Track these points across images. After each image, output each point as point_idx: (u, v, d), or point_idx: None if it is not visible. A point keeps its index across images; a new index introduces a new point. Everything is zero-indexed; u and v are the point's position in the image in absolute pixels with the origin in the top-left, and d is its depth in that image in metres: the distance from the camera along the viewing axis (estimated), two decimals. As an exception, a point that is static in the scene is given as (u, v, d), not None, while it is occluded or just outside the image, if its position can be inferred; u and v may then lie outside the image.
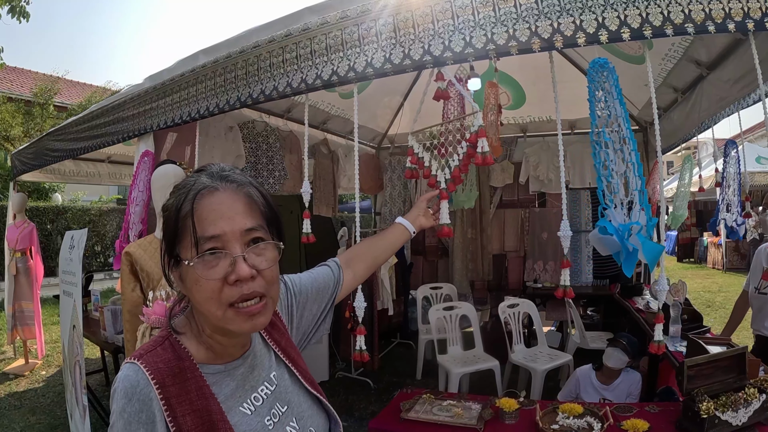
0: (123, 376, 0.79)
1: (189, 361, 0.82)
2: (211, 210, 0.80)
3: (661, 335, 1.78)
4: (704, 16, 1.68)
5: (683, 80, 3.44)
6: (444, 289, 5.56)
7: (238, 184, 0.84)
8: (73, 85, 17.27)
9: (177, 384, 0.79)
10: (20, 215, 5.44)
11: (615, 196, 1.85)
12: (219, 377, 0.85)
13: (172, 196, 0.84)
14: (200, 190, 0.81)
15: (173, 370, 0.80)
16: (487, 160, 1.96)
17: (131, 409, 0.76)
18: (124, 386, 0.77)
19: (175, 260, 0.83)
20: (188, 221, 0.79)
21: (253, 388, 0.89)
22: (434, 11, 1.95)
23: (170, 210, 0.83)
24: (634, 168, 1.80)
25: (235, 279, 0.78)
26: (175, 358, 0.81)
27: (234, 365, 0.88)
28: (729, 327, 3.30)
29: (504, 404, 2.17)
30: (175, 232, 0.81)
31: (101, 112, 3.77)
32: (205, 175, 0.84)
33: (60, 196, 12.93)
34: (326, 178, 5.58)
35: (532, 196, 6.07)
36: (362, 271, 1.32)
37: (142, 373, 0.78)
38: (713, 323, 6.16)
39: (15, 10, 5.85)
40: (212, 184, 0.82)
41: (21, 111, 12.27)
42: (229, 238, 0.79)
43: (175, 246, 0.82)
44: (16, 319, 5.34)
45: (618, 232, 1.79)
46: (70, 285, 3.60)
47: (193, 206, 0.80)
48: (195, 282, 0.80)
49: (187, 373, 0.81)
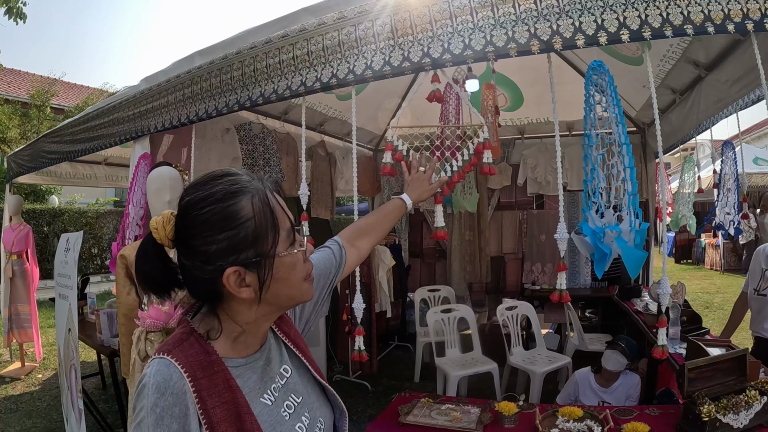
0: (154, 371, 0.79)
1: (215, 355, 0.84)
2: (281, 202, 0.89)
3: (664, 339, 1.77)
4: (703, 17, 1.67)
5: (681, 81, 3.44)
6: (442, 292, 5.54)
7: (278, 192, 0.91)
8: (70, 87, 17.20)
9: (207, 377, 0.81)
10: (16, 218, 5.41)
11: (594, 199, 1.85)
12: (242, 370, 0.87)
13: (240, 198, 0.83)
14: (267, 187, 0.87)
15: (202, 363, 0.82)
16: (491, 170, 1.96)
17: (164, 403, 0.76)
18: (156, 381, 0.77)
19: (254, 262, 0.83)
20: (280, 211, 0.86)
21: (271, 379, 0.92)
22: (432, 12, 1.94)
23: (259, 209, 0.84)
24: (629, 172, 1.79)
25: (310, 253, 0.94)
26: (202, 352, 0.83)
27: (254, 358, 0.91)
28: (728, 328, 3.29)
29: (503, 408, 2.16)
30: (275, 227, 0.85)
31: (97, 114, 3.74)
32: (251, 177, 0.88)
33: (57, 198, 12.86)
34: (323, 181, 5.56)
35: (529, 198, 6.05)
36: (366, 247, 1.35)
37: (174, 366, 0.79)
38: (712, 324, 6.15)
39: (12, 12, 5.82)
40: (264, 182, 0.88)
41: (18, 113, 12.21)
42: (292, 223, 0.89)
43: (265, 244, 0.84)
44: (12, 323, 5.31)
45: (593, 234, 1.81)
46: (66, 288, 3.57)
47: (276, 199, 0.87)
48: (293, 266, 0.88)
49: (215, 366, 0.83)
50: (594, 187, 1.85)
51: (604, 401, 2.86)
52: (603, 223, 1.79)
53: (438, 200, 2.03)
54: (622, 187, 1.77)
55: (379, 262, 5.15)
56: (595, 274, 5.38)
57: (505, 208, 6.20)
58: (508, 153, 6.07)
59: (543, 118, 5.58)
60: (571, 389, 3.10)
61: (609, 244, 1.74)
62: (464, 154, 1.91)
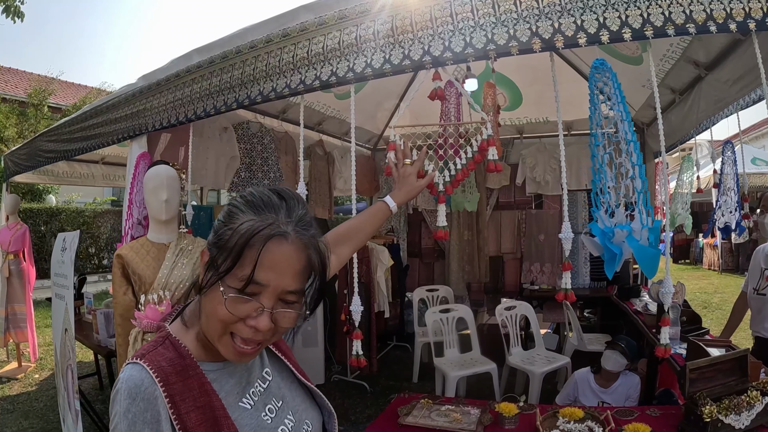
0: (126, 376, 0.78)
1: (190, 359, 0.83)
2: (272, 259, 0.80)
3: (667, 338, 1.76)
4: (705, 16, 1.66)
5: (681, 81, 3.43)
6: (440, 292, 5.54)
7: (307, 243, 0.84)
8: (68, 86, 17.15)
9: (180, 381, 0.80)
10: (13, 217, 5.38)
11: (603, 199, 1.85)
12: (218, 374, 0.87)
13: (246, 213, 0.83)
14: (276, 233, 0.81)
15: (176, 367, 0.81)
16: (498, 167, 1.94)
17: (136, 408, 0.76)
18: (128, 386, 0.77)
19: (213, 264, 0.83)
20: (251, 257, 0.79)
21: (250, 383, 0.91)
22: (433, 10, 1.92)
23: (239, 232, 0.81)
24: (637, 170, 1.78)
25: (253, 327, 0.81)
26: (177, 356, 0.82)
27: (232, 362, 0.88)
28: (728, 328, 3.29)
29: (503, 409, 2.14)
30: (235, 259, 0.80)
31: (95, 112, 3.71)
32: (284, 213, 0.84)
33: (54, 197, 12.83)
34: (322, 180, 5.55)
35: (528, 197, 6.05)
36: (346, 253, 1.32)
37: (145, 371, 0.78)
38: (710, 324, 6.14)
39: (9, 10, 5.78)
40: (286, 231, 0.82)
41: (15, 112, 12.17)
42: (271, 291, 0.81)
43: (221, 260, 0.82)
44: (8, 322, 5.27)
45: (602, 234, 1.80)
46: (62, 288, 3.55)
47: (263, 247, 0.79)
48: (219, 303, 0.80)
49: (189, 370, 0.82)
50: (602, 186, 1.84)
51: (604, 402, 2.86)
52: (613, 222, 1.78)
53: (441, 200, 2.02)
54: (632, 185, 1.76)
55: (377, 261, 5.13)
56: (594, 273, 5.39)
57: (504, 207, 6.19)
58: (506, 153, 6.06)
59: (542, 118, 5.57)
60: (571, 389, 3.10)
61: (619, 244, 1.73)
62: (467, 152, 1.89)
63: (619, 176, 1.83)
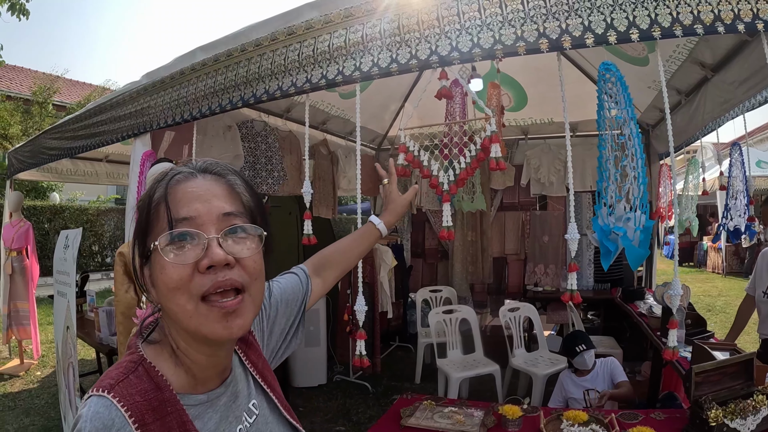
0: (91, 414, 0.64)
1: (169, 392, 0.70)
2: (186, 192, 0.71)
3: (675, 341, 1.75)
4: (713, 17, 1.64)
5: (687, 82, 3.41)
6: (443, 292, 5.52)
7: (219, 174, 0.75)
8: (72, 84, 17.21)
9: (158, 420, 0.67)
10: (16, 214, 5.39)
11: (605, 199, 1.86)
12: (201, 409, 0.74)
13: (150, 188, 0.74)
14: (175, 176, 0.73)
15: (152, 403, 0.67)
16: (500, 165, 1.93)
17: None
18: (95, 427, 0.63)
19: (146, 256, 0.72)
20: (161, 206, 0.70)
21: (237, 419, 0.79)
22: (440, 9, 1.91)
23: (143, 200, 0.73)
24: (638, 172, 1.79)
25: (208, 264, 0.68)
26: (152, 388, 0.69)
27: (216, 394, 0.77)
28: (733, 331, 3.26)
29: (507, 411, 2.13)
30: (147, 221, 0.71)
31: (98, 110, 3.71)
32: (186, 166, 0.76)
33: (57, 195, 12.86)
34: (326, 180, 5.53)
35: (532, 199, 6.02)
36: (331, 278, 1.21)
37: (115, 409, 0.64)
38: (714, 328, 6.11)
39: (15, 8, 5.80)
40: (190, 171, 0.74)
41: (20, 110, 12.19)
42: (204, 220, 0.70)
43: (146, 239, 0.71)
44: (11, 319, 5.29)
45: (601, 231, 1.85)
46: (64, 285, 3.55)
47: (166, 191, 0.71)
48: (162, 269, 0.68)
49: (167, 406, 0.69)
50: (606, 185, 1.86)
51: (589, 389, 2.91)
52: (612, 220, 1.80)
53: (446, 199, 2.01)
54: (634, 186, 1.77)
55: (380, 262, 5.13)
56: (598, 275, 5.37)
57: (508, 208, 6.17)
58: (511, 153, 6.04)
59: (547, 119, 5.55)
60: (559, 390, 3.18)
61: (615, 241, 1.76)
62: (471, 150, 1.88)
63: (624, 176, 1.83)
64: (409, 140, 2.01)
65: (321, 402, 4.51)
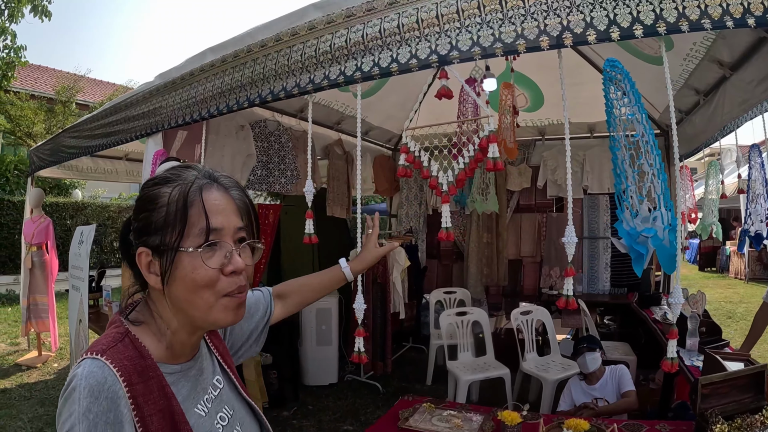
0: (86, 372, 0.74)
1: (150, 360, 0.81)
2: (214, 203, 0.84)
3: (674, 352, 1.68)
4: (721, 11, 1.57)
5: (705, 82, 3.30)
6: (458, 294, 5.47)
7: (227, 187, 0.89)
8: (96, 83, 17.52)
9: (142, 382, 0.77)
10: (37, 210, 5.52)
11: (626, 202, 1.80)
12: (176, 377, 0.85)
13: (168, 186, 0.85)
14: (203, 183, 0.85)
15: (137, 367, 0.78)
16: (497, 166, 1.89)
17: (98, 408, 0.72)
18: (89, 384, 0.73)
19: (159, 250, 0.82)
20: (198, 210, 0.82)
21: (204, 390, 0.91)
22: (439, 8, 1.88)
23: (174, 199, 0.83)
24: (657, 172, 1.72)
25: (232, 270, 0.84)
26: (137, 355, 0.80)
27: (188, 366, 0.89)
28: (749, 341, 3.14)
29: (506, 417, 2.08)
30: (184, 221, 0.82)
31: (114, 109, 3.77)
32: (195, 171, 0.87)
33: (80, 192, 13.12)
34: (340, 179, 5.52)
35: (549, 200, 5.91)
36: (292, 306, 1.33)
37: (108, 369, 0.74)
38: (734, 335, 5.95)
39: (37, 9, 5.93)
40: (208, 181, 0.86)
41: (43, 108, 12.44)
42: (227, 232, 0.85)
43: (170, 235, 0.81)
44: (30, 312, 5.41)
45: (628, 235, 1.78)
46: (78, 279, 3.62)
47: (201, 196, 0.83)
48: (193, 269, 0.81)
49: (149, 371, 0.79)
50: (624, 187, 1.80)
51: (597, 398, 2.87)
52: (638, 222, 1.75)
53: (445, 200, 1.97)
54: (655, 184, 1.71)
55: (393, 262, 5.10)
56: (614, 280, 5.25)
57: (524, 210, 6.08)
58: (528, 154, 5.95)
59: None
60: (568, 397, 3.12)
61: (644, 244, 1.70)
62: (470, 150, 1.84)
63: (642, 175, 1.77)
64: (411, 141, 1.98)
65: (331, 401, 4.51)
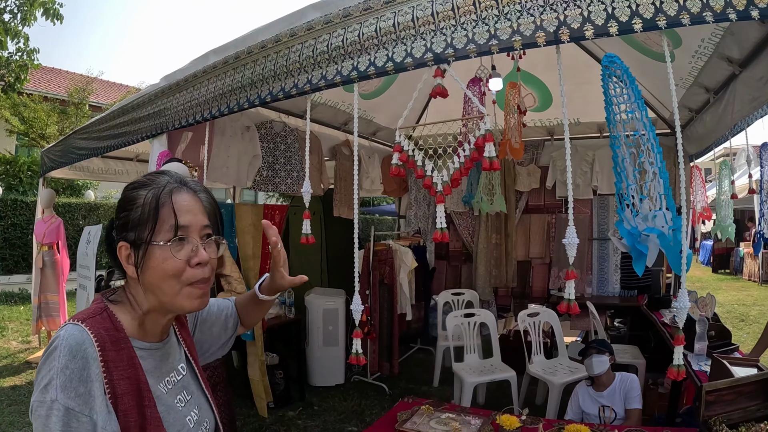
0: (67, 334, 0.85)
1: (124, 333, 0.93)
2: (183, 204, 0.97)
3: (680, 359, 1.63)
4: (724, 3, 1.52)
5: (715, 79, 3.22)
6: (466, 296, 5.43)
7: (195, 190, 1.02)
8: (108, 85, 17.64)
9: (114, 350, 0.88)
10: (48, 210, 5.58)
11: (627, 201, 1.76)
12: (145, 353, 0.96)
13: (144, 189, 0.97)
14: (174, 187, 0.98)
15: (111, 338, 0.89)
16: (494, 165, 1.85)
17: (74, 365, 0.82)
18: (69, 344, 0.83)
19: (136, 243, 0.94)
20: (168, 210, 0.94)
21: (167, 372, 1.01)
22: (435, 6, 1.86)
23: (148, 200, 0.95)
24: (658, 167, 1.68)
25: (197, 262, 0.96)
26: (112, 328, 0.91)
27: (156, 346, 1.00)
28: (759, 346, 3.06)
29: (504, 422, 2.05)
30: (156, 219, 0.93)
31: (121, 111, 3.80)
32: (168, 177, 1.01)
33: (92, 193, 13.23)
34: (348, 180, 5.50)
35: (558, 201, 5.84)
36: (246, 322, 1.37)
37: (86, 334, 0.86)
38: (746, 339, 5.83)
39: (49, 13, 6.00)
40: (178, 185, 0.99)
41: (56, 110, 12.55)
42: (194, 229, 0.97)
43: (144, 230, 0.93)
44: (41, 311, 5.47)
45: (629, 235, 1.75)
46: (85, 279, 3.65)
47: (171, 198, 0.96)
48: (163, 260, 0.93)
49: (121, 343, 0.91)
50: (625, 187, 1.76)
51: (605, 405, 2.82)
52: (639, 221, 1.70)
53: (439, 200, 1.94)
54: (656, 183, 1.66)
55: (400, 263, 5.07)
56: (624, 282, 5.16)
57: (533, 211, 6.02)
58: (537, 155, 5.90)
59: (573, 119, 5.38)
60: (575, 403, 3.07)
61: (645, 243, 1.67)
62: (465, 149, 1.81)
63: (643, 173, 1.73)
64: (403, 139, 1.96)
65: (336, 401, 4.50)
